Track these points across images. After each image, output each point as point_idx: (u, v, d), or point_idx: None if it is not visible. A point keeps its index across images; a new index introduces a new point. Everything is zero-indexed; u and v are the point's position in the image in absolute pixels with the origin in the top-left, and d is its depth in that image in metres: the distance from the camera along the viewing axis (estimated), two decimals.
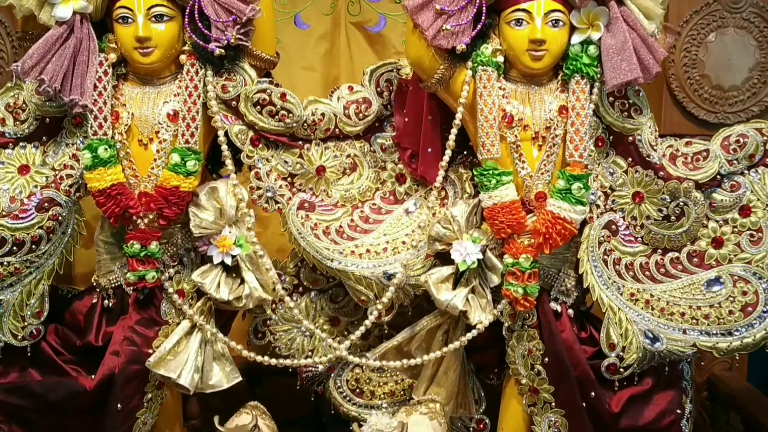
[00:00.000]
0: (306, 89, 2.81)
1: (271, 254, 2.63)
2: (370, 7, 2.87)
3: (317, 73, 2.90)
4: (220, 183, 2.05)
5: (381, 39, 2.90)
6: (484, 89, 1.96)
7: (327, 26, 2.89)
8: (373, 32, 2.90)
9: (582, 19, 1.93)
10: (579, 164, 1.95)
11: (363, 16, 2.88)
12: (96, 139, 1.96)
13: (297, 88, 2.82)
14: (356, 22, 2.89)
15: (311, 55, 2.89)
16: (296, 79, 2.86)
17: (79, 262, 2.51)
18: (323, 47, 2.90)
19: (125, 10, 1.94)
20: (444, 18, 1.92)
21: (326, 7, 2.87)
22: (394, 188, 2.21)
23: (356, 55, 2.91)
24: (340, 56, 2.91)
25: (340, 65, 2.92)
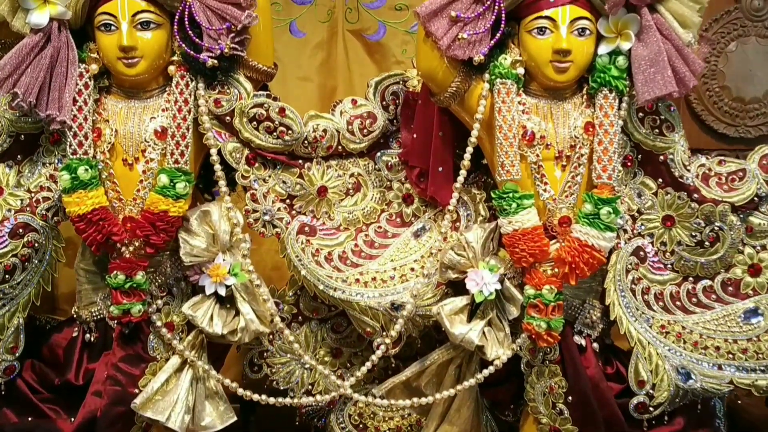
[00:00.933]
0: (302, 101, 2.66)
1: (265, 272, 2.50)
2: (368, 14, 2.70)
3: (313, 84, 2.73)
4: (212, 206, 1.87)
5: (380, 48, 2.74)
6: (503, 104, 1.79)
7: (324, 34, 2.72)
8: (372, 41, 2.74)
9: (610, 27, 1.76)
10: (607, 186, 1.78)
11: (361, 24, 2.71)
12: (75, 158, 1.78)
13: (292, 99, 2.64)
14: (354, 29, 2.72)
15: (307, 65, 2.72)
16: (291, 91, 2.69)
17: (64, 280, 2.36)
18: (320, 56, 2.73)
19: (108, 17, 1.76)
20: (459, 26, 1.75)
21: (323, 15, 2.70)
22: (400, 210, 2.03)
23: (354, 64, 2.74)
24: (338, 66, 2.74)
25: (337, 75, 2.75)
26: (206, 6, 1.77)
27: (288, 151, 1.92)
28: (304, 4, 2.71)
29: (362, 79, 2.72)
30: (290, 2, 2.71)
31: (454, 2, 1.75)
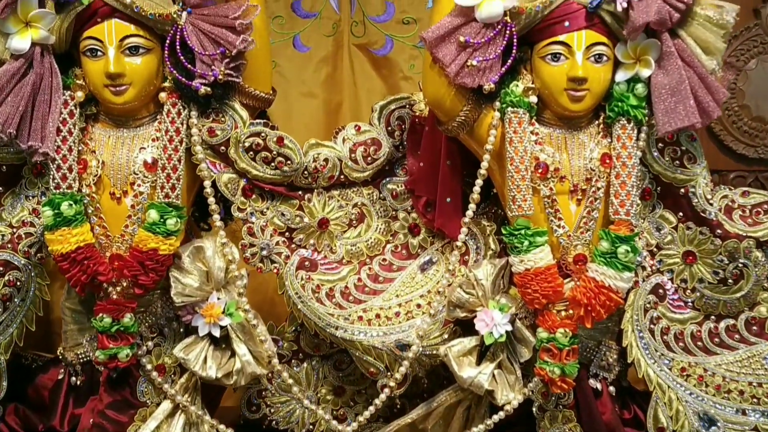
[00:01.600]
0: (306, 117, 2.56)
1: (268, 294, 2.39)
2: (375, 28, 2.59)
3: (318, 100, 2.62)
4: (206, 241, 1.76)
5: (387, 63, 2.62)
6: (515, 134, 1.68)
7: (329, 48, 2.61)
8: (379, 55, 2.62)
9: (628, 52, 1.65)
10: (625, 223, 1.67)
11: (368, 38, 2.60)
12: (59, 193, 1.67)
13: (295, 116, 2.57)
14: (360, 44, 2.60)
15: (311, 80, 2.61)
16: (295, 107, 2.59)
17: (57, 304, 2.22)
18: (324, 71, 2.62)
19: (94, 42, 1.65)
20: (469, 52, 1.64)
21: (328, 28, 2.59)
22: (406, 241, 1.93)
23: (360, 79, 2.63)
24: (343, 81, 2.63)
25: (342, 91, 2.63)
26: (199, 30, 1.66)
27: (287, 182, 1.82)
28: (308, 17, 2.61)
29: (368, 95, 2.62)
30: (294, 15, 2.60)
31: (462, 26, 1.64)
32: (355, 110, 2.62)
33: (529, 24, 1.65)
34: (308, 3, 2.59)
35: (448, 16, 1.64)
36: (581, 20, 1.63)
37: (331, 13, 2.60)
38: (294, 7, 2.60)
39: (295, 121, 2.58)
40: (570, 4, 1.63)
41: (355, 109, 2.62)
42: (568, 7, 1.63)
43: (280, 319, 2.00)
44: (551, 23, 1.64)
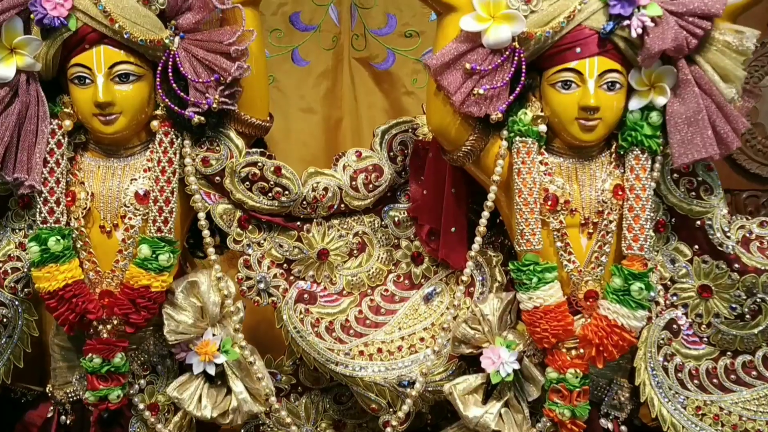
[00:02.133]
0: (305, 134, 2.49)
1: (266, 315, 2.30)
2: (376, 41, 2.52)
3: (317, 116, 2.54)
4: (200, 275, 1.68)
5: (389, 77, 2.55)
6: (523, 165, 1.60)
7: (328, 62, 2.53)
8: (381, 69, 2.55)
9: (643, 79, 1.57)
10: (638, 258, 1.59)
11: (369, 52, 2.52)
12: (46, 227, 1.60)
13: (294, 132, 2.51)
14: (361, 57, 2.53)
15: (311, 95, 2.53)
16: (293, 123, 2.52)
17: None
18: (324, 86, 2.54)
19: (82, 69, 1.57)
20: (475, 79, 1.56)
21: (327, 41, 2.51)
22: (409, 270, 1.85)
23: (361, 94, 2.55)
24: (343, 96, 2.55)
25: (343, 106, 2.56)
26: (192, 56, 1.58)
27: (285, 213, 1.74)
28: (307, 30, 2.53)
29: (369, 111, 2.55)
30: (292, 28, 2.53)
31: (469, 53, 1.56)
32: (356, 125, 2.55)
33: (538, 50, 1.58)
34: (307, 16, 2.52)
35: (453, 42, 1.57)
36: (593, 46, 1.55)
37: (330, 25, 2.53)
38: (292, 20, 2.52)
39: (293, 138, 2.51)
40: (582, 30, 1.55)
41: (356, 125, 2.55)
42: (580, 32, 1.55)
43: (278, 341, 1.91)
44: (562, 49, 1.56)
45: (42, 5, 1.51)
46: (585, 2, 1.54)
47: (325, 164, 2.47)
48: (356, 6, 2.51)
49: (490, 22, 1.54)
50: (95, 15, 1.54)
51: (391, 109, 2.55)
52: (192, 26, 1.59)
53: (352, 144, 2.53)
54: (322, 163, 2.50)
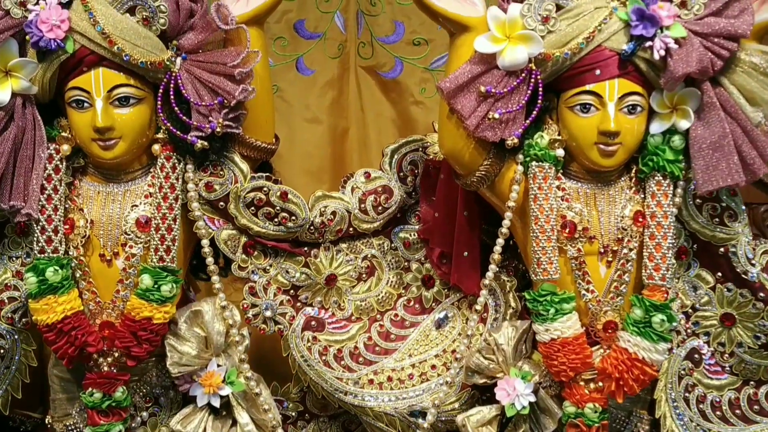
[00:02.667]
0: (310, 145, 2.42)
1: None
2: (384, 49, 2.44)
3: (323, 126, 2.46)
4: (204, 304, 1.62)
5: (397, 86, 2.47)
6: (539, 191, 1.54)
7: (334, 71, 2.45)
8: (388, 78, 2.47)
9: (664, 101, 1.50)
10: (660, 289, 1.53)
11: (376, 60, 2.45)
12: (43, 257, 1.53)
13: (299, 143, 2.43)
14: (368, 66, 2.45)
15: (316, 105, 2.46)
16: (299, 134, 2.44)
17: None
18: (330, 95, 2.46)
19: (80, 93, 1.51)
20: (490, 102, 1.50)
21: (333, 50, 2.44)
22: (420, 294, 1.79)
23: (368, 104, 2.47)
24: (350, 106, 2.48)
25: (349, 116, 2.48)
26: (195, 77, 1.51)
27: (291, 238, 1.68)
28: (312, 38, 2.45)
29: (377, 120, 2.47)
30: (297, 36, 2.44)
31: (483, 75, 1.49)
32: (363, 137, 2.48)
33: (556, 71, 1.51)
34: (312, 23, 2.44)
35: (466, 64, 1.50)
36: (614, 68, 1.48)
37: (336, 33, 2.45)
38: (297, 27, 2.44)
39: (298, 150, 2.44)
40: (601, 51, 1.48)
41: (363, 136, 2.47)
42: (600, 54, 1.48)
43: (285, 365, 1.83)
44: (581, 71, 1.49)
45: (37, 27, 1.44)
46: (605, 22, 1.47)
47: (331, 176, 2.45)
48: (363, 13, 2.44)
49: (505, 42, 1.47)
50: (93, 37, 1.47)
51: (398, 118, 2.48)
52: (194, 47, 1.53)
53: (359, 155, 2.47)
54: (328, 174, 2.46)
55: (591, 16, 1.47)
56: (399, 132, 2.46)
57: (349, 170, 2.45)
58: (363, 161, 2.46)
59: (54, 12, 1.45)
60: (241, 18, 1.55)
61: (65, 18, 1.45)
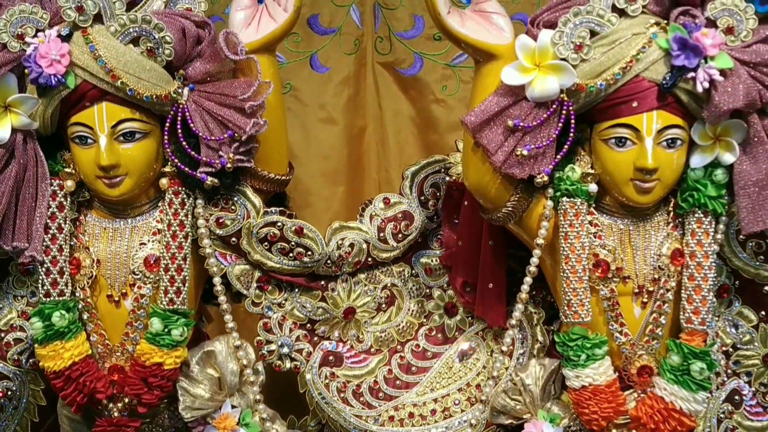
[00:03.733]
0: (325, 146, 2.32)
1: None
2: (402, 44, 2.32)
3: (339, 126, 2.35)
4: (217, 344, 1.55)
5: (416, 83, 2.35)
6: (570, 228, 1.44)
7: (350, 68, 2.34)
8: (407, 75, 2.36)
9: (707, 133, 1.39)
10: (699, 333, 1.44)
11: (394, 56, 2.33)
12: (49, 302, 1.46)
13: (314, 144, 2.34)
14: (386, 62, 2.34)
15: (332, 105, 2.35)
16: (314, 134, 2.34)
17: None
18: (346, 93, 2.35)
19: (83, 129, 1.42)
20: (518, 136, 1.39)
21: (349, 45, 2.32)
22: (442, 322, 1.72)
23: (386, 101, 2.36)
24: (367, 103, 2.37)
25: (366, 114, 2.37)
26: (203, 109, 1.42)
27: (308, 273, 1.59)
28: (326, 33, 2.34)
29: (396, 119, 2.37)
30: (311, 32, 2.32)
31: (510, 107, 1.39)
32: (380, 135, 2.37)
33: (589, 102, 1.40)
34: (327, 18, 2.32)
35: (493, 96, 1.40)
36: (652, 100, 1.37)
37: (352, 28, 2.33)
38: (311, 22, 2.33)
39: (313, 151, 2.34)
40: (639, 82, 1.37)
41: (381, 135, 2.37)
42: (637, 84, 1.37)
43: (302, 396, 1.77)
44: (616, 102, 1.39)
45: (36, 62, 1.35)
46: (643, 51, 1.35)
47: (347, 178, 2.35)
48: (380, 6, 2.32)
49: (534, 72, 1.36)
50: (96, 71, 1.38)
51: (418, 117, 2.37)
52: (202, 77, 1.43)
53: (377, 156, 2.37)
54: (344, 176, 2.36)
55: (628, 44, 1.36)
56: (419, 131, 2.36)
57: (367, 171, 2.39)
58: (381, 162, 2.37)
59: (53, 46, 1.35)
60: (251, 46, 1.45)
61: (65, 52, 1.36)
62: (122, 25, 1.38)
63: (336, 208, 2.36)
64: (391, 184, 2.36)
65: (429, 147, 2.34)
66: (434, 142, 2.34)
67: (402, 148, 2.37)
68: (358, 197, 2.36)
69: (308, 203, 2.35)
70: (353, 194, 2.37)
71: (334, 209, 2.35)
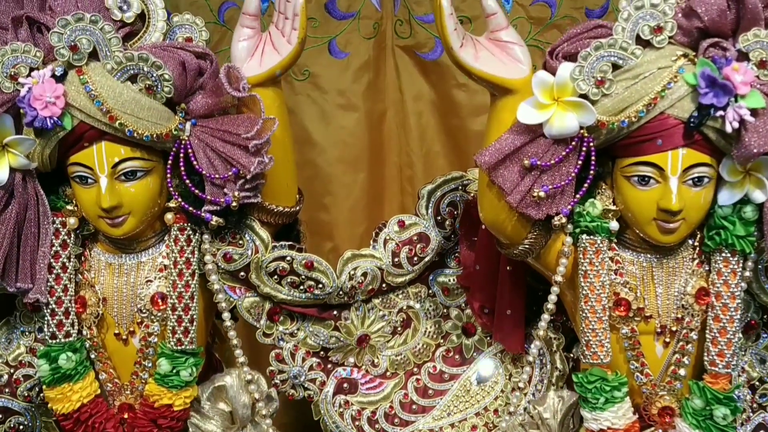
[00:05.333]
0: (345, 132, 2.26)
1: None
2: (422, 28, 2.23)
3: (359, 113, 2.28)
4: (227, 378, 1.52)
5: (437, 68, 2.27)
6: (590, 266, 1.38)
7: (370, 52, 2.26)
8: (428, 60, 2.27)
9: (736, 168, 1.31)
10: (723, 376, 1.38)
11: (415, 40, 2.24)
12: (55, 344, 1.44)
13: (334, 131, 2.28)
14: (406, 45, 2.25)
15: (351, 91, 2.27)
16: (333, 121, 2.27)
17: None
18: (366, 79, 2.27)
19: (82, 169, 1.37)
20: (535, 174, 1.32)
21: (368, 29, 2.23)
22: (460, 343, 1.68)
23: (407, 85, 2.28)
24: (387, 87, 2.29)
25: (386, 98, 2.29)
26: (207, 145, 1.36)
27: (320, 304, 1.56)
28: (345, 18, 2.25)
29: (416, 103, 2.29)
30: (329, 17, 2.24)
31: (527, 145, 1.32)
32: (401, 119, 2.30)
33: (611, 139, 1.32)
34: (345, 2, 2.23)
35: (508, 133, 1.32)
36: (678, 138, 1.29)
37: (371, 11, 2.24)
38: (328, 7, 2.24)
39: (333, 138, 2.28)
40: (665, 120, 1.28)
41: (402, 120, 2.30)
42: (662, 122, 1.28)
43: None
44: (640, 140, 1.31)
45: (31, 105, 1.30)
46: (669, 87, 1.26)
47: (368, 164, 2.30)
48: None
49: (552, 109, 1.28)
50: (93, 113, 1.32)
51: (440, 102, 2.29)
52: (204, 112, 1.37)
53: (398, 141, 2.30)
54: (365, 163, 2.30)
55: (653, 79, 1.27)
56: (440, 115, 2.29)
57: (388, 156, 2.33)
58: (402, 146, 2.31)
59: (48, 87, 1.30)
60: (254, 80, 1.38)
61: (60, 94, 1.30)
62: (119, 63, 1.32)
63: (357, 194, 2.31)
64: (413, 168, 2.32)
65: (451, 131, 2.28)
66: (456, 127, 2.27)
67: (423, 132, 2.30)
68: (380, 183, 2.32)
69: (329, 191, 2.30)
70: (374, 180, 2.31)
71: (355, 196, 2.31)
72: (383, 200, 2.33)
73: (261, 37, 1.43)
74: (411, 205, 2.28)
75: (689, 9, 1.27)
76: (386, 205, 2.34)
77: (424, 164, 2.32)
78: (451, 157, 2.30)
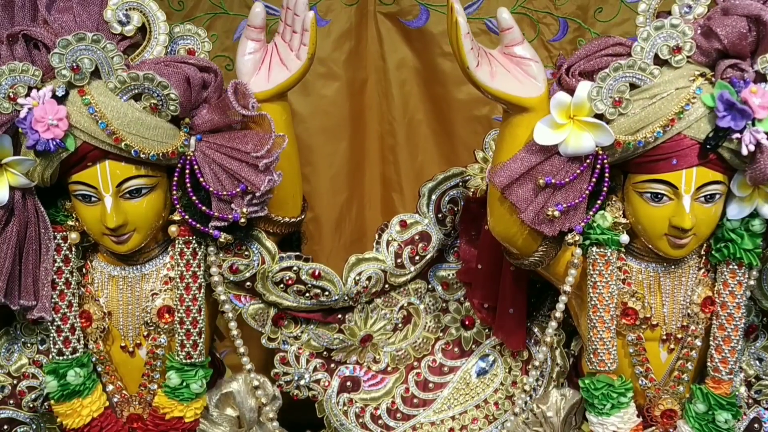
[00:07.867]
0: (325, 102, 2.21)
1: None
2: None
3: (340, 82, 2.22)
4: (234, 384, 1.53)
5: (422, 36, 2.21)
6: (599, 278, 1.39)
7: (351, 19, 2.18)
8: (412, 27, 2.21)
9: (746, 183, 1.32)
10: (726, 382, 1.42)
11: (399, 6, 2.18)
12: (62, 360, 1.42)
13: (315, 100, 2.22)
14: (389, 12, 2.19)
15: (332, 60, 2.20)
16: (314, 90, 2.21)
17: None
18: (347, 47, 2.20)
19: (85, 188, 1.33)
20: (548, 193, 1.32)
21: None
22: (459, 335, 1.70)
23: (390, 54, 2.22)
24: (369, 55, 2.23)
25: (368, 66, 2.24)
26: (213, 161, 1.33)
27: (325, 309, 1.55)
28: None
29: (399, 71, 2.24)
30: None
31: (541, 164, 1.31)
32: (383, 88, 2.25)
33: (625, 157, 1.32)
34: None
35: (523, 152, 1.31)
36: (692, 157, 1.29)
37: None
38: None
39: (313, 107, 2.21)
40: (681, 140, 1.28)
41: (383, 87, 2.25)
42: (678, 143, 1.28)
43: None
44: (655, 159, 1.31)
45: (32, 127, 1.24)
46: (686, 108, 1.26)
47: (350, 132, 2.26)
48: None
49: (568, 128, 1.27)
50: (97, 134, 1.27)
51: (424, 70, 2.24)
52: (209, 126, 1.34)
53: (379, 109, 2.25)
54: (346, 131, 2.26)
55: (670, 100, 1.26)
56: (424, 83, 2.24)
57: (369, 125, 2.29)
58: (384, 114, 2.26)
59: (49, 108, 1.24)
60: (262, 96, 1.35)
61: (63, 116, 1.25)
62: (122, 83, 1.26)
63: (338, 163, 2.27)
64: (395, 137, 2.27)
65: (435, 100, 2.24)
66: (440, 96, 2.23)
67: (406, 101, 2.26)
68: (360, 151, 2.28)
69: (309, 161, 2.26)
70: (355, 149, 2.28)
71: (336, 165, 2.27)
72: (364, 169, 2.30)
73: (266, 50, 1.38)
74: (392, 174, 2.26)
75: (708, 29, 1.25)
76: (367, 173, 2.30)
77: (407, 133, 2.28)
78: (434, 125, 2.26)
